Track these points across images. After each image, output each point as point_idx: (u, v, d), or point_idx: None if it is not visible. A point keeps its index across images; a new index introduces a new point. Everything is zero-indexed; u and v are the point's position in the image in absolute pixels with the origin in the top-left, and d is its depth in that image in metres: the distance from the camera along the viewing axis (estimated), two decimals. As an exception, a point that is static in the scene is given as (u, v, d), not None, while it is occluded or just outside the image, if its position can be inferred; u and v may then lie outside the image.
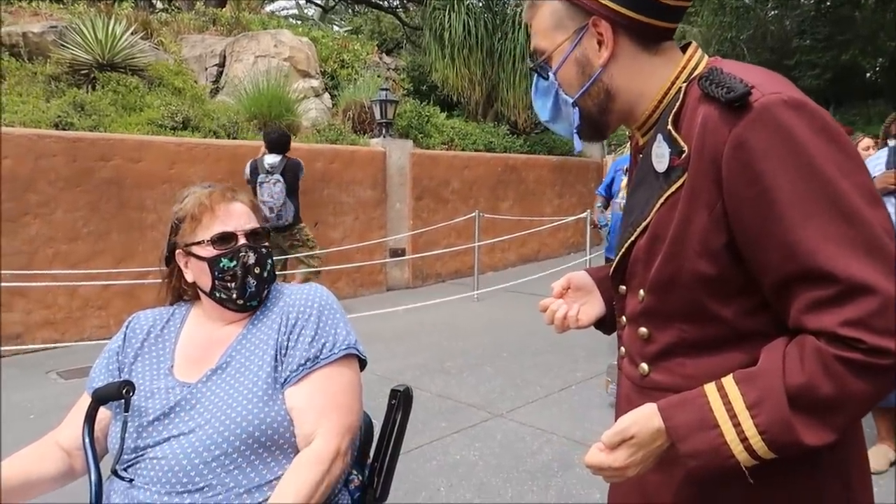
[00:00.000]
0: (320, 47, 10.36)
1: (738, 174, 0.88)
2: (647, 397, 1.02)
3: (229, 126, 7.36)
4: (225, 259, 1.45)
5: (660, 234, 0.98)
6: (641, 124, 1.08)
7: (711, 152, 0.90)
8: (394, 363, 5.00)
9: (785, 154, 0.85)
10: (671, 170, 0.97)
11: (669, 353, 1.02)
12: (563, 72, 1.07)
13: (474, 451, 3.48)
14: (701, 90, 0.93)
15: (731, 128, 0.88)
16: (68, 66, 7.25)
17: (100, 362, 1.50)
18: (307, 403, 1.36)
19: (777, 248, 0.87)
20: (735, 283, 0.94)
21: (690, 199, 0.94)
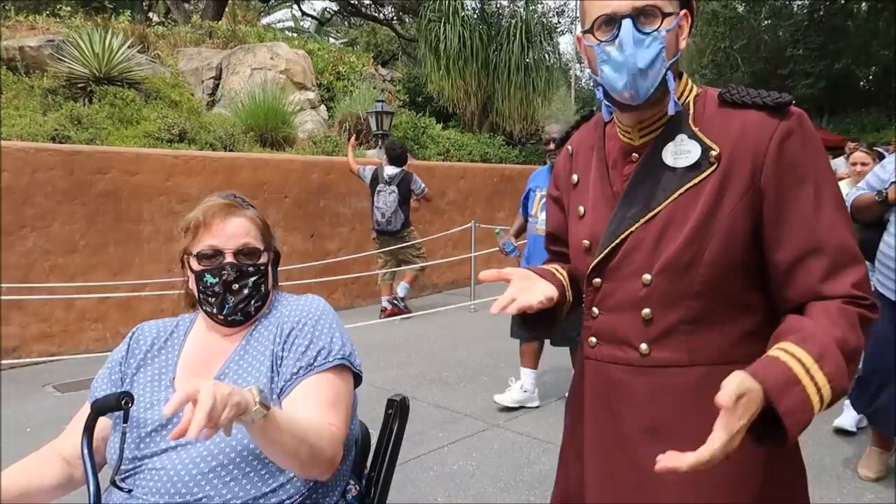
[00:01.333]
0: (316, 59, 10.42)
1: (782, 160, 1.07)
2: (649, 376, 1.12)
3: (226, 138, 7.38)
4: (208, 275, 1.46)
5: (675, 222, 1.11)
6: (650, 125, 1.18)
7: (753, 147, 1.08)
8: (390, 374, 5.00)
9: (815, 151, 1.09)
10: (697, 164, 1.11)
11: (673, 331, 1.12)
12: (668, 37, 1.12)
13: (472, 462, 3.48)
14: (727, 101, 1.13)
15: (778, 124, 1.08)
16: (65, 80, 7.28)
17: (102, 372, 1.51)
18: (303, 405, 1.36)
19: (802, 222, 1.06)
20: (749, 262, 1.10)
21: (721, 188, 1.09)
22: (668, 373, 1.11)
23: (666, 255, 1.11)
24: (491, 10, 11.63)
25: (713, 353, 1.10)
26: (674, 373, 1.11)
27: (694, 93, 1.19)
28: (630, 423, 1.14)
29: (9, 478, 1.34)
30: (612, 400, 1.17)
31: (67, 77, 7.28)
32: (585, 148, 1.32)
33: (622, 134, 1.23)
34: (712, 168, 1.10)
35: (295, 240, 7.21)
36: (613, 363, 1.17)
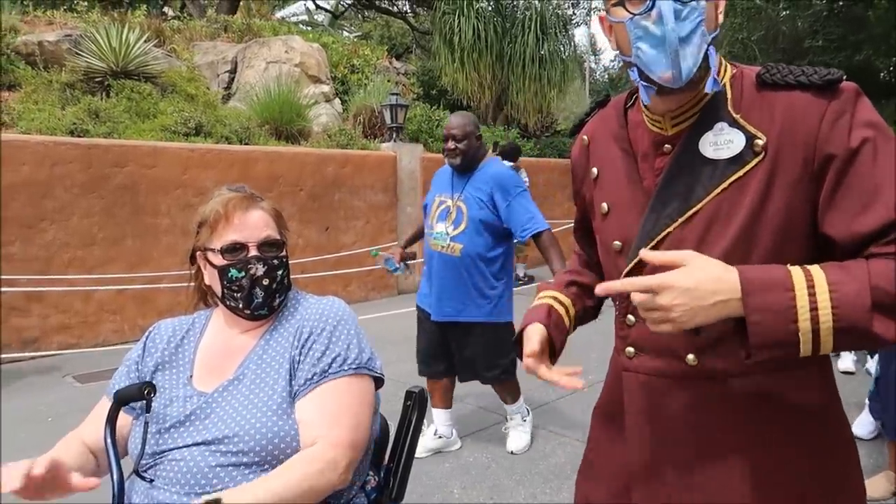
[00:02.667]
0: (331, 53, 10.43)
1: (841, 132, 0.96)
2: (697, 387, 1.05)
3: (241, 132, 7.42)
4: (234, 269, 1.45)
5: (719, 219, 1.02)
6: (683, 113, 1.08)
7: (805, 130, 0.98)
8: (406, 366, 5.00)
9: (875, 123, 0.97)
10: (741, 154, 1.01)
11: (724, 338, 1.01)
12: (709, 6, 1.02)
13: (487, 454, 3.49)
14: (770, 82, 1.01)
15: (829, 102, 0.97)
16: (83, 74, 7.35)
17: (120, 370, 1.52)
18: (312, 414, 1.35)
19: (874, 192, 0.94)
20: (808, 253, 1.00)
21: (770, 179, 0.99)
22: (720, 383, 1.03)
23: (713, 256, 0.98)
24: (505, 1, 11.58)
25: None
26: (726, 382, 1.03)
27: (730, 73, 1.07)
28: (679, 439, 1.07)
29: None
30: (660, 415, 1.09)
31: (85, 71, 7.34)
32: (604, 137, 1.22)
33: (651, 123, 1.12)
34: (759, 159, 1.00)
35: (310, 233, 7.24)
36: (657, 375, 1.09)
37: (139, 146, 6.16)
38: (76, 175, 5.72)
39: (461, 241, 3.16)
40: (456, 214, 3.20)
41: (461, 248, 3.15)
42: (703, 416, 1.05)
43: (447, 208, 3.26)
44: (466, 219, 3.16)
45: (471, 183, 3.22)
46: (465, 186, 3.24)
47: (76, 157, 5.72)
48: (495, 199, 3.13)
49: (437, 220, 3.29)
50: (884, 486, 3.08)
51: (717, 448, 1.04)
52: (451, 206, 3.24)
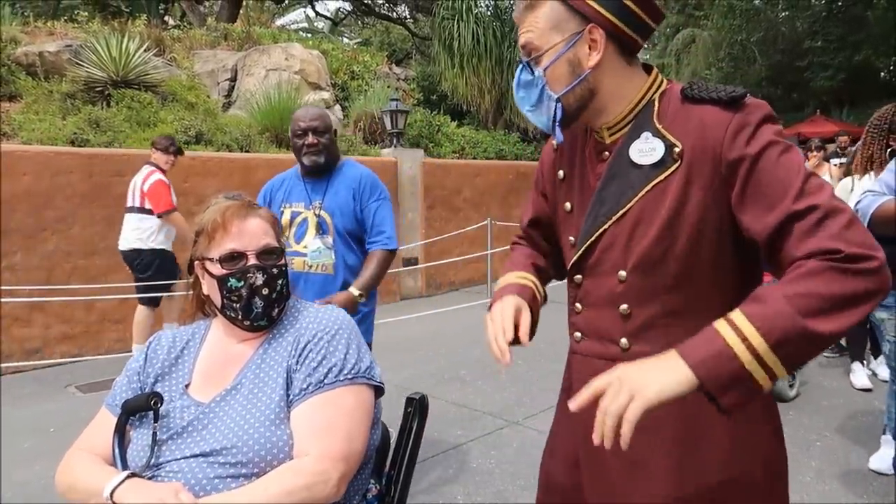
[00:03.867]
0: (331, 59, 10.45)
1: (742, 142, 1.07)
2: None
3: (242, 139, 7.43)
4: (233, 279, 1.43)
5: (644, 218, 1.14)
6: (614, 124, 1.21)
7: (713, 140, 1.09)
8: (409, 372, 5.00)
9: (774, 130, 1.08)
10: (661, 161, 1.13)
11: (651, 325, 1.15)
12: (554, 69, 1.18)
13: (491, 459, 3.47)
14: (688, 97, 1.14)
15: (734, 115, 1.08)
16: (83, 84, 7.37)
17: (121, 380, 1.51)
18: (304, 425, 1.34)
19: (774, 191, 1.04)
20: (723, 255, 1.12)
21: (687, 183, 1.11)
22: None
23: (638, 252, 1.14)
24: (504, 6, 11.59)
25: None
26: None
27: (661, 89, 1.20)
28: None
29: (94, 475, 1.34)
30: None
31: (85, 81, 7.36)
32: (570, 143, 1.34)
33: (595, 133, 1.26)
34: (676, 165, 1.11)
35: (311, 239, 7.24)
36: (597, 357, 1.20)
37: (140, 155, 6.16)
38: (77, 185, 5.73)
39: (331, 256, 2.72)
40: (320, 226, 2.71)
41: (332, 263, 2.72)
42: None
43: (305, 220, 2.73)
44: (332, 230, 2.71)
45: (332, 187, 2.74)
46: (325, 192, 2.74)
47: (77, 167, 5.73)
48: (358, 203, 2.72)
49: (299, 237, 2.73)
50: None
51: (647, 425, 1.06)
52: (310, 218, 2.73)
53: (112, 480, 1.26)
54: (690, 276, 1.12)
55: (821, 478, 3.12)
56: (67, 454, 1.43)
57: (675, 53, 19.28)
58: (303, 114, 2.76)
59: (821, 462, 3.28)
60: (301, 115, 2.75)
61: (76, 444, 1.45)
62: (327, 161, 2.72)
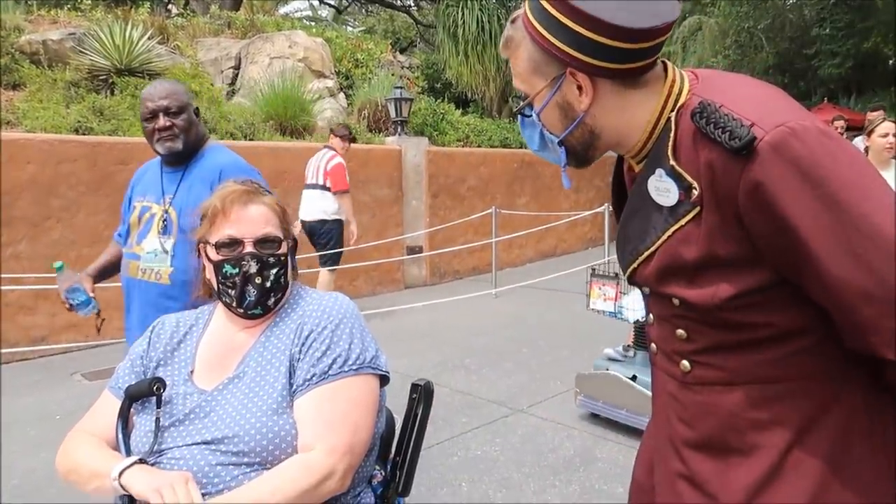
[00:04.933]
0: (334, 47, 10.40)
1: (758, 215, 0.88)
2: (692, 393, 1.05)
3: (246, 128, 7.41)
4: (228, 265, 1.43)
5: (672, 265, 0.99)
6: (635, 154, 1.06)
7: (726, 195, 0.90)
8: (413, 360, 5.01)
9: (800, 189, 0.85)
10: (679, 205, 0.96)
11: (710, 351, 1.02)
12: (546, 115, 1.06)
13: (495, 447, 3.47)
14: (698, 128, 0.92)
15: (742, 172, 0.87)
16: (87, 72, 7.34)
17: (124, 364, 1.51)
18: (309, 416, 1.33)
19: (810, 279, 0.89)
20: (777, 296, 0.94)
21: (713, 233, 0.93)
22: (711, 391, 1.02)
23: (676, 294, 1.00)
24: (509, -7, 11.51)
25: (755, 372, 0.98)
26: (716, 392, 1.02)
27: (680, 104, 0.99)
28: (681, 437, 1.08)
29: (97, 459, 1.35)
30: (668, 412, 1.11)
31: (89, 69, 7.34)
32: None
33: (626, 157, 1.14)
34: (696, 210, 0.94)
35: (316, 228, 7.23)
36: (668, 375, 1.10)
37: (144, 143, 6.13)
38: (82, 173, 5.73)
39: (171, 262, 2.24)
40: (165, 225, 2.25)
41: (170, 272, 2.23)
42: (700, 422, 1.05)
43: (151, 217, 2.30)
44: (176, 230, 2.23)
45: (187, 179, 2.26)
46: (179, 184, 2.27)
47: (81, 156, 5.73)
48: None
49: (142, 236, 2.31)
50: None
51: (712, 451, 1.03)
52: (158, 214, 2.28)
53: (121, 462, 1.26)
54: (746, 318, 0.96)
55: None
56: (69, 436, 1.43)
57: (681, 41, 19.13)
58: (151, 91, 2.26)
59: None
60: (149, 93, 2.26)
61: (78, 426, 1.46)
62: (187, 147, 2.25)
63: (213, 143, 2.43)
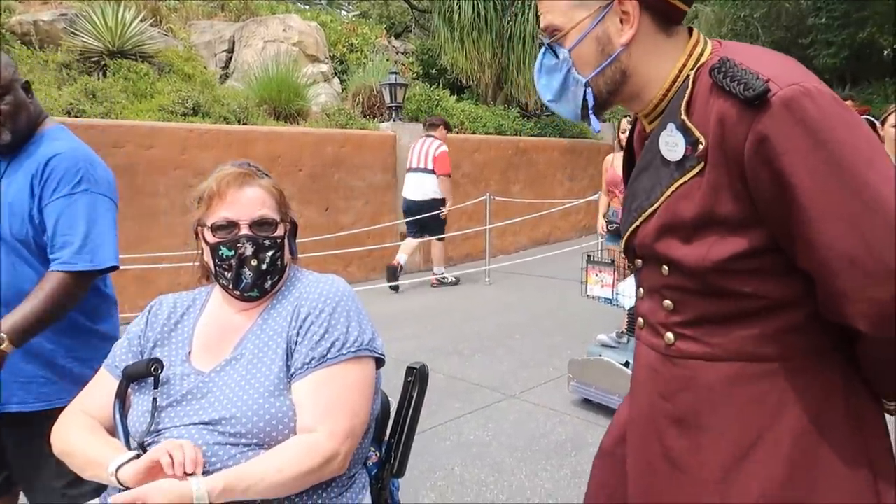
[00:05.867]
0: (329, 32, 10.33)
1: (762, 171, 0.90)
2: (674, 366, 1.06)
3: (239, 112, 7.36)
4: (223, 248, 1.43)
5: (671, 222, 1.01)
6: (649, 111, 1.08)
7: (733, 148, 0.91)
8: (407, 345, 5.03)
9: (807, 149, 0.86)
10: (685, 159, 0.98)
11: (695, 324, 1.03)
12: (581, 50, 1.04)
13: (488, 432, 3.50)
14: (714, 82, 0.94)
15: (751, 124, 0.88)
16: (79, 54, 7.27)
17: (121, 343, 1.51)
18: (309, 400, 1.34)
19: (801, 241, 0.90)
20: (769, 264, 0.96)
21: (714, 190, 0.95)
22: (692, 366, 1.03)
23: (670, 255, 1.02)
24: (506, -21, 11.43)
25: (739, 348, 0.99)
26: (698, 366, 1.03)
27: (701, 62, 1.00)
28: (660, 413, 1.09)
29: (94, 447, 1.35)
30: (648, 386, 1.13)
31: (81, 51, 7.27)
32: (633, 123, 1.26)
33: (640, 118, 1.15)
34: (700, 166, 0.96)
35: (310, 213, 7.22)
36: (651, 348, 1.12)
37: (137, 126, 6.12)
38: (74, 155, 5.68)
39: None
40: None
41: None
42: (680, 396, 1.06)
43: None
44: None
45: (11, 172, 1.80)
46: (1, 177, 1.81)
47: (74, 138, 5.68)
48: (37, 199, 1.75)
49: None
50: None
51: (690, 427, 1.05)
52: None
53: (119, 458, 1.26)
54: (735, 285, 0.97)
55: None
56: (64, 414, 1.44)
57: (676, 29, 19.03)
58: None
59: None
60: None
61: (74, 403, 1.46)
62: (16, 136, 1.80)
63: (51, 124, 1.96)
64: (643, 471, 1.14)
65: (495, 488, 2.92)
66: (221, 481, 1.19)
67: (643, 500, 1.13)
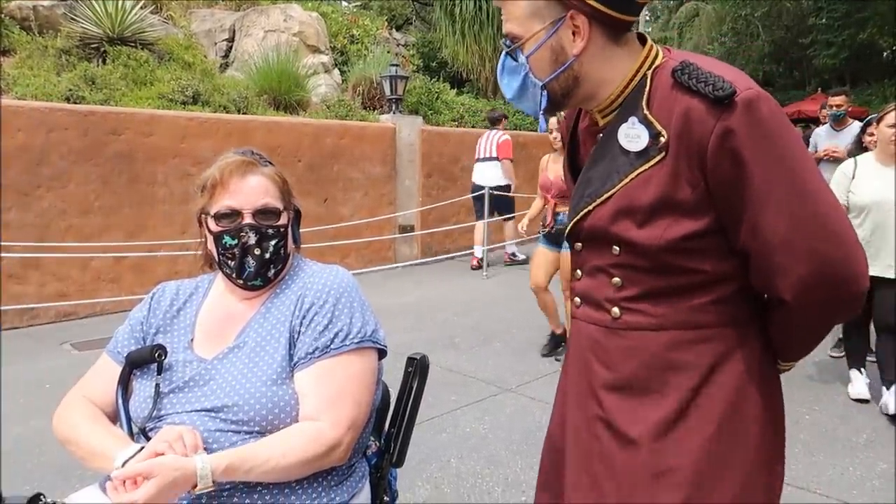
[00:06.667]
0: (330, 22, 10.30)
1: (723, 159, 1.02)
2: (619, 337, 1.15)
3: (239, 101, 7.35)
4: (227, 236, 1.42)
5: (628, 206, 1.10)
6: (604, 107, 1.17)
7: (697, 141, 1.02)
8: (404, 337, 5.03)
9: (761, 142, 1.01)
10: (647, 149, 1.08)
11: (643, 298, 1.13)
12: (536, 57, 1.14)
13: (484, 424, 3.51)
14: (677, 81, 1.05)
15: (718, 120, 1.01)
16: (79, 40, 7.24)
17: (123, 329, 1.51)
18: (312, 390, 1.34)
19: (745, 222, 1.04)
20: (713, 246, 1.09)
21: (673, 178, 1.06)
22: (638, 336, 1.13)
23: (624, 237, 1.11)
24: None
25: (682, 318, 1.11)
26: (643, 336, 1.13)
27: (656, 64, 1.12)
28: (600, 380, 1.17)
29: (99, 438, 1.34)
30: (588, 358, 1.20)
31: (81, 37, 7.23)
32: (569, 118, 1.34)
33: (590, 113, 1.23)
34: (661, 156, 1.06)
35: (308, 204, 7.21)
36: (591, 323, 1.20)
37: (136, 114, 6.10)
38: (73, 142, 5.67)
39: None
40: None
41: None
42: (624, 364, 1.15)
43: None
44: None
45: None
46: None
47: (72, 124, 5.67)
48: None
49: None
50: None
51: (631, 391, 1.14)
52: None
53: (126, 451, 1.26)
54: (680, 263, 1.09)
55: (808, 450, 3.18)
56: (67, 400, 1.44)
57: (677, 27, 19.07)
58: None
59: (808, 435, 3.35)
60: None
61: (76, 388, 1.46)
62: None
63: None
64: (583, 436, 1.21)
65: (491, 480, 2.93)
66: (226, 460, 1.20)
67: (581, 466, 1.21)
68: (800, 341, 1.17)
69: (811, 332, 1.15)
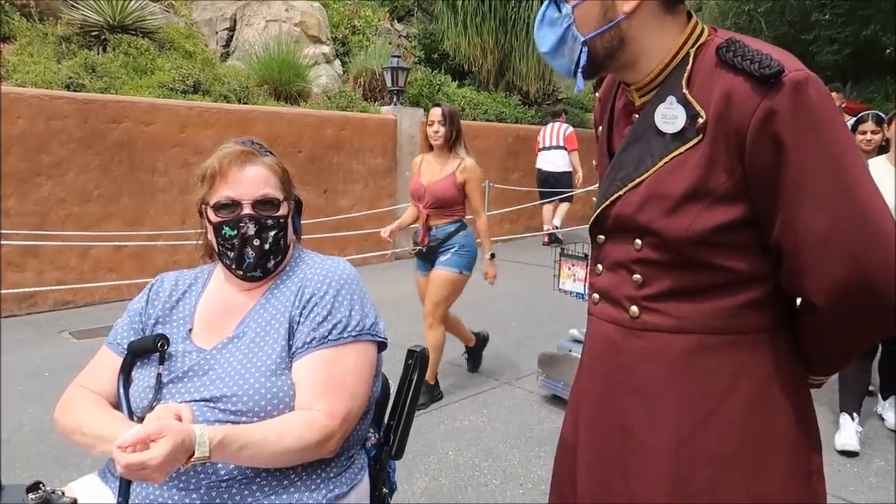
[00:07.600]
0: (331, 13, 10.25)
1: (764, 144, 0.94)
2: (637, 338, 1.09)
3: (240, 91, 7.32)
4: (226, 227, 1.42)
5: (660, 192, 1.04)
6: (644, 85, 1.10)
7: (737, 122, 0.96)
8: (402, 330, 5.04)
9: (807, 129, 0.93)
10: (683, 131, 1.02)
11: (664, 297, 1.07)
12: (584, 8, 1.06)
13: (482, 418, 3.52)
14: (721, 59, 0.98)
15: (762, 99, 0.93)
16: (79, 28, 7.21)
17: (122, 321, 1.51)
18: (308, 378, 1.34)
19: (780, 214, 0.97)
20: (744, 241, 1.02)
21: (708, 163, 0.99)
22: (657, 338, 1.07)
23: (651, 226, 1.05)
24: (511, -36, 11.34)
25: (705, 322, 1.04)
26: (662, 338, 1.07)
27: (701, 41, 1.05)
28: (618, 384, 1.12)
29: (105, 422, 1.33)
30: (605, 359, 1.15)
31: (81, 25, 7.20)
32: (605, 98, 1.26)
33: (627, 92, 1.15)
34: (698, 139, 1.00)
35: (308, 195, 7.17)
36: (610, 322, 1.14)
37: (136, 102, 6.08)
38: (73, 130, 5.65)
39: None
40: None
41: None
42: (642, 368, 1.09)
43: None
44: None
45: None
46: None
47: (72, 112, 5.65)
48: None
49: None
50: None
51: (650, 398, 1.08)
52: None
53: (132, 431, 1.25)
54: (708, 258, 1.02)
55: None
56: (69, 392, 1.43)
57: (680, 21, 18.91)
58: None
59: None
60: None
61: (77, 381, 1.45)
62: None
63: None
64: (598, 442, 1.16)
65: (488, 473, 2.94)
66: (222, 432, 1.18)
67: (595, 472, 1.16)
68: (830, 353, 1.08)
69: (843, 344, 1.06)
